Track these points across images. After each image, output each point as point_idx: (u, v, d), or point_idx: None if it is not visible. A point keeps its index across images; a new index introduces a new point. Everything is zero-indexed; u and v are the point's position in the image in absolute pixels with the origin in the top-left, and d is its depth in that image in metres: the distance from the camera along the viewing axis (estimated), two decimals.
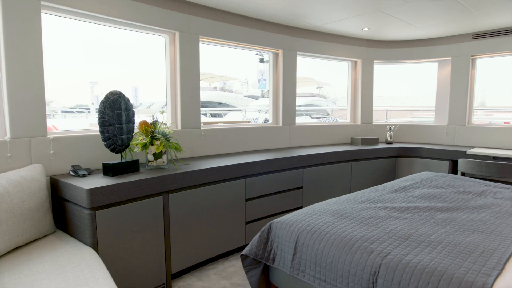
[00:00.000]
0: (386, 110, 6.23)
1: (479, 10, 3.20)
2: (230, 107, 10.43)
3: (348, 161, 3.69)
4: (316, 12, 3.28)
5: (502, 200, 2.13)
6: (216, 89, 11.58)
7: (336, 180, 3.59)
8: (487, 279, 1.16)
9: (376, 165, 3.93)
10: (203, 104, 10.95)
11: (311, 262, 1.56)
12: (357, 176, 3.78)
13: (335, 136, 4.31)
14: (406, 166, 4.05)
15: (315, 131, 4.13)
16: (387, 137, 4.36)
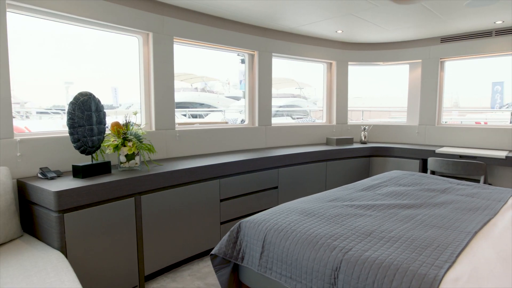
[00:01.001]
0: (362, 111, 6.37)
1: (446, 15, 3.33)
2: (211, 108, 10.40)
3: (323, 161, 3.76)
4: (290, 15, 3.34)
5: (463, 197, 2.23)
6: (197, 90, 11.53)
7: (311, 180, 3.66)
8: (439, 271, 1.22)
9: (350, 165, 4.02)
10: (183, 105, 10.81)
11: (277, 260, 1.59)
12: (332, 175, 3.85)
13: (311, 137, 4.38)
14: (379, 165, 4.17)
15: (291, 132, 4.18)
16: (362, 137, 4.47)
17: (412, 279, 1.20)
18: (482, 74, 11.99)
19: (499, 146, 3.89)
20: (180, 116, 8.78)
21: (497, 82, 11.93)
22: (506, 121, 8.67)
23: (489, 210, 1.95)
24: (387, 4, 3.02)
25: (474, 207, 2.00)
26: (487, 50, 3.89)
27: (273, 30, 3.89)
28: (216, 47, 3.52)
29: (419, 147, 4.00)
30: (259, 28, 3.77)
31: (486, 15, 3.33)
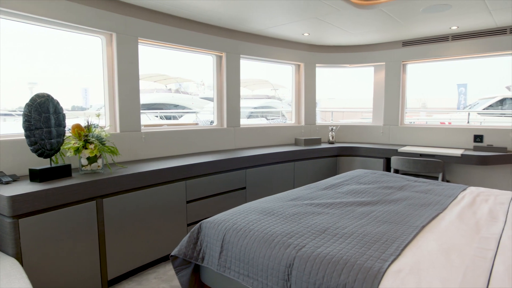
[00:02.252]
0: (331, 112, 6.52)
1: (405, 20, 3.48)
2: (186, 109, 10.30)
3: (291, 161, 3.82)
4: (257, 17, 3.38)
5: (418, 193, 2.34)
6: (171, 91, 11.38)
7: (279, 180, 3.71)
8: (383, 264, 1.29)
9: (318, 164, 4.11)
10: (157, 106, 10.62)
11: (235, 259, 1.62)
12: (300, 175, 3.93)
13: (280, 137, 4.45)
14: (346, 165, 4.29)
15: (260, 133, 4.23)
16: (329, 137, 4.58)
17: (359, 272, 1.26)
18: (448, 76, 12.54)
19: (457, 145, 4.09)
20: (153, 118, 8.65)
21: (461, 84, 12.52)
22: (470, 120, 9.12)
23: (439, 205, 2.06)
24: (349, 9, 3.12)
25: (426, 203, 2.10)
26: (444, 54, 4.09)
27: (241, 32, 3.92)
28: (183, 49, 3.51)
29: (383, 147, 4.14)
30: (227, 30, 3.79)
31: (442, 21, 3.51)
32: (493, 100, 9.09)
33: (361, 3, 3.11)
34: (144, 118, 8.37)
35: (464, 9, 3.12)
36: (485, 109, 9.22)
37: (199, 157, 3.26)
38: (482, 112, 9.17)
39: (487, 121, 8.64)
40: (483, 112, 9.12)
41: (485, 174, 3.92)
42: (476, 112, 9.65)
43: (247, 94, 12.53)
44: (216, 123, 3.91)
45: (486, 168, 3.91)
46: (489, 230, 1.65)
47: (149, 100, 9.87)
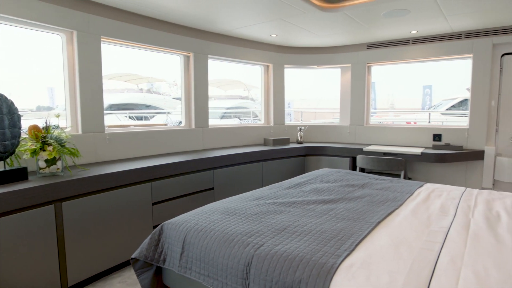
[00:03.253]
0: (301, 112, 6.62)
1: (368, 24, 3.60)
2: (158, 110, 10.11)
3: (259, 161, 3.85)
4: (225, 17, 3.38)
5: (378, 191, 2.43)
6: (143, 91, 11.14)
7: (248, 180, 3.73)
8: (337, 259, 1.33)
9: (286, 164, 4.17)
10: (128, 107, 10.34)
11: (196, 260, 1.62)
12: (268, 175, 3.96)
13: (249, 138, 4.47)
14: (314, 164, 4.37)
15: (229, 133, 4.23)
16: (298, 137, 4.65)
17: (313, 268, 1.29)
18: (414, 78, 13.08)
19: (418, 144, 4.28)
20: (124, 118, 8.43)
21: (426, 86, 13.08)
22: (433, 120, 9.56)
23: (396, 201, 2.15)
24: (314, 11, 3.19)
25: (384, 200, 2.19)
26: (405, 56, 4.27)
27: (209, 32, 3.91)
28: (149, 48, 3.45)
29: (349, 146, 4.26)
30: (195, 30, 3.77)
31: (403, 25, 3.66)
32: (455, 101, 9.58)
33: (326, 6, 3.19)
34: (113, 119, 8.14)
35: (422, 14, 3.27)
36: (447, 109, 9.70)
37: (167, 158, 3.22)
38: (445, 112, 9.64)
39: (449, 121, 9.08)
40: (446, 112, 9.59)
41: (443, 171, 4.13)
42: (440, 113, 10.14)
43: (220, 95, 12.49)
44: (184, 123, 3.88)
45: (444, 165, 4.12)
46: (438, 224, 1.75)
47: (120, 100, 9.62)
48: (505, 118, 3.85)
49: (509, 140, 3.85)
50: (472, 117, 3.95)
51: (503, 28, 3.68)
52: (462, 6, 3.04)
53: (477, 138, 3.91)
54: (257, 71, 4.75)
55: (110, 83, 9.39)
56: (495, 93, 3.87)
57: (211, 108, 12.68)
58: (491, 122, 3.90)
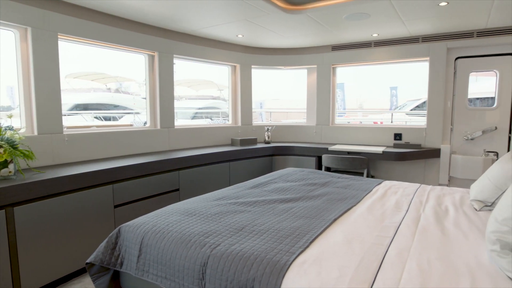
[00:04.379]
0: (270, 112, 6.67)
1: (331, 26, 3.69)
2: (127, 110, 9.84)
3: (226, 161, 3.85)
4: (190, 17, 3.35)
5: (338, 189, 2.50)
6: (111, 91, 10.80)
7: (215, 180, 3.72)
8: (290, 257, 1.36)
9: (254, 164, 4.19)
10: (96, 107, 10.00)
11: (154, 262, 1.59)
12: (235, 175, 3.97)
13: (217, 138, 4.46)
14: (281, 164, 4.43)
15: (195, 133, 4.20)
16: (265, 137, 4.69)
17: (267, 266, 1.31)
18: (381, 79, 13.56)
19: (380, 143, 4.44)
20: (91, 119, 8.14)
21: (393, 87, 13.60)
22: (400, 120, 9.95)
23: (354, 199, 2.22)
24: (278, 13, 3.23)
25: (343, 197, 2.26)
26: (368, 58, 4.41)
27: (174, 32, 3.86)
28: (111, 47, 3.36)
29: (315, 146, 4.35)
30: (159, 29, 3.71)
31: (364, 28, 3.78)
32: (419, 102, 10.02)
33: (289, 8, 3.24)
34: (79, 119, 7.83)
35: (381, 18, 3.40)
36: (412, 109, 10.14)
37: (130, 159, 3.15)
38: (410, 112, 10.07)
39: (413, 121, 9.49)
40: (411, 112, 10.02)
41: (404, 168, 4.30)
42: (405, 113, 10.58)
43: (192, 95, 12.35)
44: (150, 124, 3.81)
45: (404, 163, 4.29)
46: (391, 219, 1.82)
47: (86, 100, 9.30)
48: (459, 118, 4.08)
49: (462, 139, 4.07)
50: (429, 117, 4.14)
51: (457, 33, 3.89)
52: (417, 11, 3.19)
53: (434, 137, 4.11)
54: (227, 72, 4.74)
55: (75, 82, 9.04)
56: (450, 94, 4.08)
57: (182, 108, 12.56)
58: (446, 122, 4.11)
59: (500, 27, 3.69)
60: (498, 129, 3.90)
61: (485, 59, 3.91)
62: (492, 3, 2.95)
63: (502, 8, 3.09)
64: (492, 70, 3.93)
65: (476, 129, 3.99)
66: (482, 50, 3.89)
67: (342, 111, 12.50)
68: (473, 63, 3.98)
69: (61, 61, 2.93)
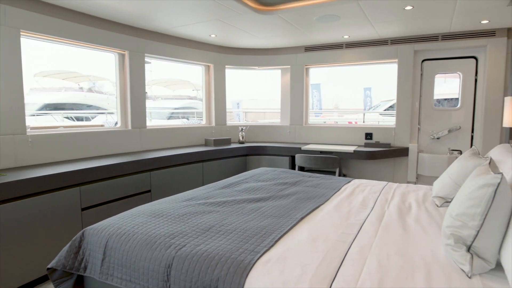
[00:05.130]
0: (245, 112, 6.68)
1: (303, 28, 3.74)
2: (101, 110, 9.58)
3: (199, 161, 3.83)
4: (161, 16, 3.30)
5: (308, 188, 2.54)
6: (83, 90, 10.48)
7: (188, 181, 3.69)
8: (255, 256, 1.37)
9: (227, 164, 4.18)
10: (67, 107, 9.68)
11: (118, 265, 1.56)
12: (208, 176, 3.95)
13: (190, 138, 4.42)
14: (255, 163, 4.45)
15: (169, 134, 4.15)
16: (240, 138, 4.70)
17: (231, 266, 1.32)
18: (356, 80, 13.90)
19: (352, 142, 4.54)
20: (62, 119, 7.87)
21: (367, 88, 13.94)
22: (374, 120, 10.22)
23: (323, 197, 2.26)
24: (249, 13, 3.24)
25: (312, 196, 2.29)
26: (340, 59, 4.51)
27: (146, 30, 3.80)
28: (79, 45, 3.27)
29: (289, 145, 4.40)
30: (130, 28, 3.63)
31: (336, 30, 3.86)
32: (392, 102, 10.33)
33: (261, 8, 3.26)
34: (49, 119, 7.54)
35: (351, 20, 3.47)
36: (386, 110, 10.44)
37: (99, 160, 3.07)
38: (383, 112, 10.36)
39: (386, 120, 9.77)
40: (384, 112, 10.31)
41: (374, 167, 4.42)
42: (378, 113, 10.88)
43: (168, 95, 12.20)
44: (120, 124, 3.73)
45: (375, 162, 4.41)
46: (356, 217, 1.87)
47: (57, 100, 8.97)
48: (425, 118, 4.23)
49: (429, 138, 4.23)
50: (398, 117, 4.28)
51: (423, 36, 4.04)
52: (385, 15, 3.28)
53: (402, 136, 4.25)
54: (201, 71, 4.71)
55: (45, 81, 8.73)
56: (417, 95, 4.23)
57: (158, 108, 12.37)
58: (414, 122, 4.26)
59: (462, 31, 3.86)
60: (461, 128, 4.08)
61: (449, 61, 4.08)
62: (454, 8, 3.09)
63: (463, 14, 3.24)
64: (456, 72, 4.10)
65: (442, 129, 4.16)
66: (447, 53, 4.06)
67: (319, 111, 12.70)
68: (439, 65, 4.14)
69: (29, 59, 2.82)
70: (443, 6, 3.02)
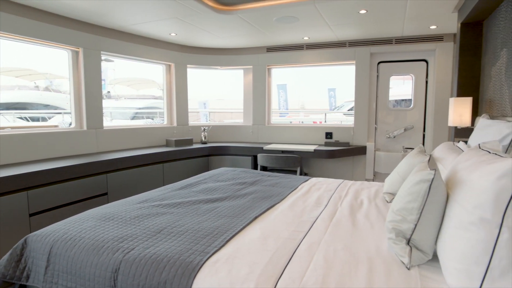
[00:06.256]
0: (208, 112, 6.64)
1: (264, 28, 3.77)
2: (59, 110, 9.12)
3: (160, 162, 3.75)
4: (118, 12, 3.20)
5: (266, 187, 2.57)
6: (39, 89, 9.93)
7: (147, 183, 3.60)
8: (204, 257, 1.36)
9: (189, 165, 4.13)
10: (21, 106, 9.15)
11: (63, 272, 1.50)
12: (169, 177, 3.88)
13: (151, 139, 4.32)
14: (218, 164, 4.43)
15: (128, 134, 4.03)
16: (202, 138, 4.66)
17: (179, 267, 1.31)
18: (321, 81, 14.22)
19: (314, 142, 4.64)
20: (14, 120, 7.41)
21: (331, 88, 14.31)
22: (337, 120, 10.50)
23: (279, 196, 2.29)
24: (208, 12, 3.22)
25: (269, 195, 2.32)
26: (301, 60, 4.59)
27: (101, 27, 3.66)
28: (27, 41, 3.09)
29: (251, 145, 4.42)
30: (85, 24, 3.49)
31: (296, 31, 3.93)
32: None
33: (220, 8, 3.25)
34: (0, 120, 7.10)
35: (310, 22, 3.55)
36: (349, 110, 10.79)
37: (51, 163, 2.92)
38: (347, 112, 10.70)
39: (349, 120, 10.10)
40: (347, 112, 10.65)
41: (334, 165, 4.55)
42: (342, 113, 11.22)
43: (132, 94, 11.86)
44: (75, 124, 3.57)
45: (335, 160, 4.54)
46: (309, 215, 1.92)
47: (9, 99, 8.44)
48: (382, 118, 4.42)
49: (385, 137, 4.42)
50: (356, 117, 4.43)
51: (378, 39, 4.21)
52: (341, 17, 3.39)
53: (360, 135, 4.41)
54: (162, 71, 4.61)
55: None
56: (374, 96, 4.40)
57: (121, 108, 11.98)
58: (371, 121, 4.43)
59: (414, 36, 4.07)
60: (415, 127, 4.30)
61: (402, 64, 4.28)
62: (404, 14, 3.25)
63: (414, 19, 3.41)
64: (409, 74, 4.32)
65: (397, 128, 4.36)
66: (400, 56, 4.26)
67: (285, 111, 12.87)
68: (393, 68, 4.34)
69: None
70: (395, 11, 3.17)
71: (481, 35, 2.93)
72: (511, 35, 2.29)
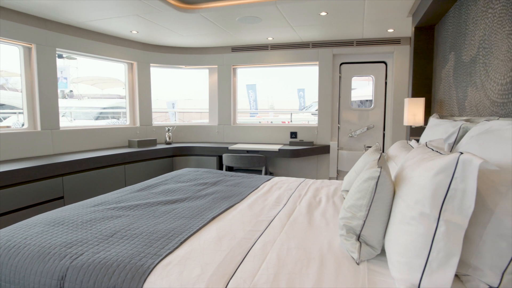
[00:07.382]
0: (176, 112, 6.54)
1: (227, 28, 3.76)
2: (15, 109, 8.60)
3: (121, 164, 3.64)
4: (75, 7, 3.07)
5: (227, 187, 2.56)
6: None
7: (108, 185, 3.49)
8: (156, 259, 1.34)
9: (153, 166, 4.05)
10: None
11: (5, 281, 1.42)
12: (132, 178, 3.78)
13: (113, 140, 4.19)
14: (182, 164, 4.37)
15: (87, 135, 3.88)
16: (166, 138, 4.57)
17: (129, 271, 1.27)
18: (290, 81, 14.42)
19: (279, 141, 4.69)
20: None
21: (300, 89, 14.54)
22: (305, 120, 10.66)
23: (240, 196, 2.30)
24: (169, 10, 3.17)
25: (229, 195, 2.31)
26: (266, 60, 4.62)
27: (57, 23, 3.50)
28: None
29: (217, 145, 4.40)
30: (38, 19, 3.32)
31: (260, 32, 3.95)
32: None
33: (181, 6, 3.20)
34: None
35: (272, 23, 3.58)
36: (317, 110, 11.00)
37: (2, 165, 2.75)
38: (315, 112, 10.92)
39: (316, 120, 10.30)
40: (316, 112, 10.87)
41: (299, 164, 4.63)
42: (310, 113, 11.42)
43: (96, 93, 11.45)
44: (28, 125, 3.39)
45: (300, 159, 4.62)
46: (268, 214, 1.93)
47: None
48: (344, 117, 4.54)
49: (347, 136, 4.55)
50: (320, 117, 4.53)
51: (340, 41, 4.32)
52: (303, 19, 3.45)
53: (324, 135, 4.51)
54: (123, 69, 4.47)
55: None
56: (337, 96, 4.52)
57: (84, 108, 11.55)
58: (334, 121, 4.54)
59: (373, 38, 4.22)
60: (375, 127, 4.45)
61: (363, 65, 4.43)
62: (363, 17, 3.35)
63: (372, 22, 3.53)
64: (369, 76, 4.47)
65: (358, 127, 4.50)
66: (361, 57, 4.40)
67: (254, 111, 12.90)
68: (355, 69, 4.47)
69: None
70: (354, 14, 3.27)
71: (433, 39, 3.09)
72: (458, 40, 2.43)
